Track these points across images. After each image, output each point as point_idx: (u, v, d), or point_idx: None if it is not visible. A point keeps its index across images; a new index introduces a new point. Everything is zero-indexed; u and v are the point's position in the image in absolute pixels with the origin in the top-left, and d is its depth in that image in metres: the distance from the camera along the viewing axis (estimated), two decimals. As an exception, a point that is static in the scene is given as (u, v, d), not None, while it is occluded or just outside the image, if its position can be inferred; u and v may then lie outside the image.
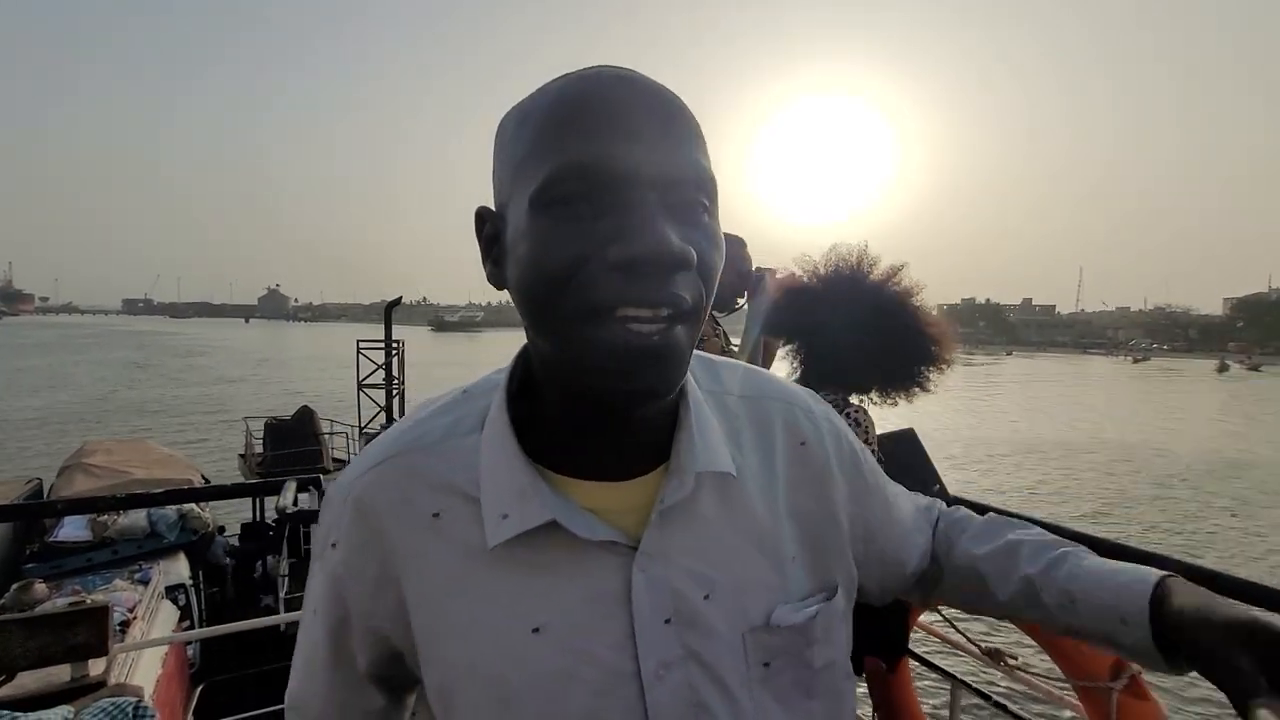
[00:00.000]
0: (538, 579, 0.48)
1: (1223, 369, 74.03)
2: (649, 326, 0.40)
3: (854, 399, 1.64)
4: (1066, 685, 1.58)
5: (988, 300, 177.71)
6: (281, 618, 2.21)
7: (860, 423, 1.57)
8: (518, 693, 0.47)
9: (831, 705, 0.55)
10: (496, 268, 0.48)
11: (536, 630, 0.47)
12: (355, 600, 0.52)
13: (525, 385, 0.52)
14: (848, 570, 0.58)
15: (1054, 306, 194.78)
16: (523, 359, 0.53)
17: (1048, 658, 1.64)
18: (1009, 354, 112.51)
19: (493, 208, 0.49)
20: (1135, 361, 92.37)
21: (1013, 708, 1.65)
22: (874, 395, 1.67)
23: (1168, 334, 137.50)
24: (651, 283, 0.40)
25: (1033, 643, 1.66)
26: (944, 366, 1.63)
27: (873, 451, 1.59)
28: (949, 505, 1.80)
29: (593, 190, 0.40)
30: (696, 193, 0.42)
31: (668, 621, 0.48)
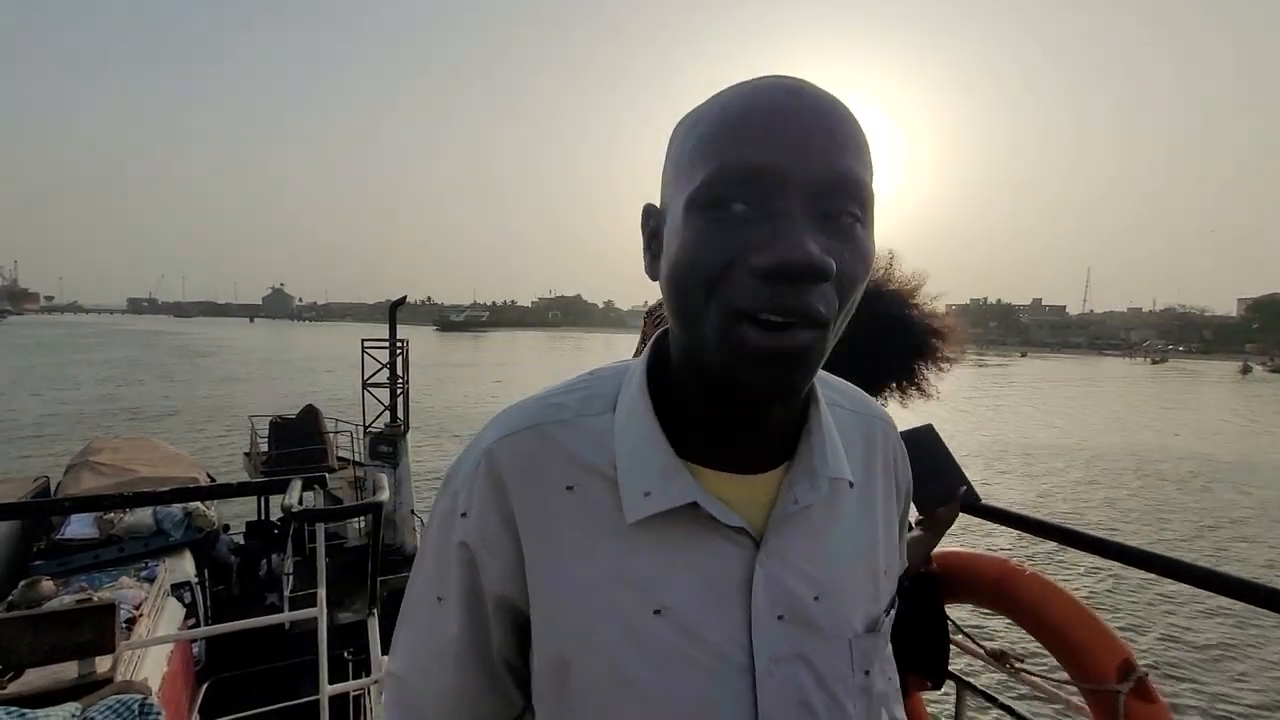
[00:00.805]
0: (664, 560, 0.49)
1: (1246, 371, 73.06)
2: (780, 332, 0.42)
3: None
4: (1073, 687, 1.57)
5: (999, 301, 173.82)
6: (286, 616, 2.22)
7: None
8: (635, 671, 0.48)
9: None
10: (654, 261, 0.51)
11: (658, 612, 0.48)
12: (488, 566, 0.51)
13: (656, 372, 0.54)
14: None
15: (1064, 307, 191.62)
16: (656, 347, 0.55)
17: (1054, 660, 1.63)
18: (1023, 355, 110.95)
19: (658, 205, 0.52)
20: (1154, 363, 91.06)
21: (1019, 709, 1.64)
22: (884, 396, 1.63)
23: (1181, 335, 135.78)
24: (790, 292, 0.42)
25: (1039, 644, 1.66)
26: (944, 364, 1.54)
27: None
28: (979, 509, 1.60)
29: (743, 196, 0.42)
30: (847, 203, 0.43)
31: (780, 618, 0.50)
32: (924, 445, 1.50)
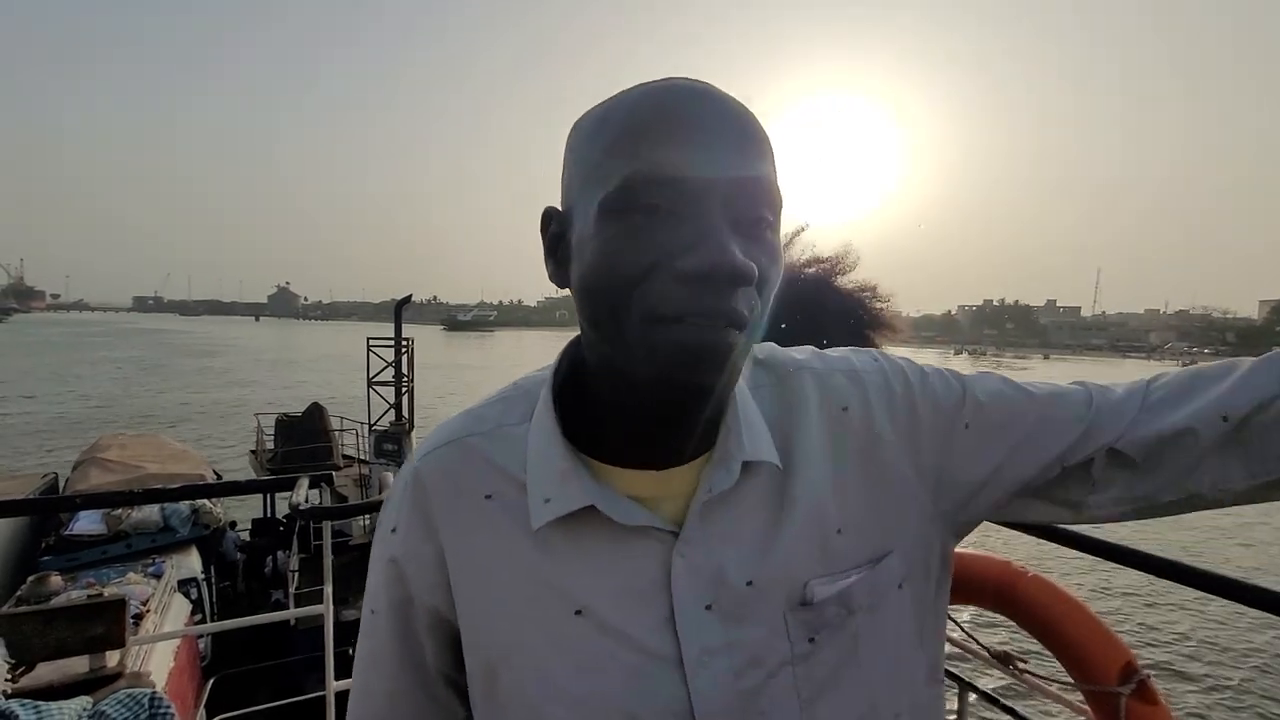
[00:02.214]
0: (580, 563, 0.49)
1: None
2: (705, 331, 0.42)
3: None
4: (1075, 689, 1.57)
5: (1016, 301, 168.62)
6: (292, 613, 2.24)
7: None
8: (560, 673, 0.48)
9: (887, 674, 0.52)
10: (559, 267, 0.49)
11: (579, 612, 0.48)
12: (416, 580, 0.53)
13: (571, 377, 0.54)
14: (911, 532, 0.54)
15: (1079, 308, 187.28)
16: (569, 353, 0.55)
17: (1056, 661, 1.64)
18: (1046, 357, 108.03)
19: (559, 208, 0.50)
20: (1184, 367, 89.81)
21: (1021, 710, 1.65)
22: None
23: (1203, 337, 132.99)
24: (714, 295, 0.41)
25: (1041, 646, 1.66)
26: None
27: None
28: None
29: (663, 200, 0.41)
30: (762, 208, 0.43)
31: (708, 608, 0.48)
32: None
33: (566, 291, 0.50)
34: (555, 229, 0.49)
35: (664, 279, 0.41)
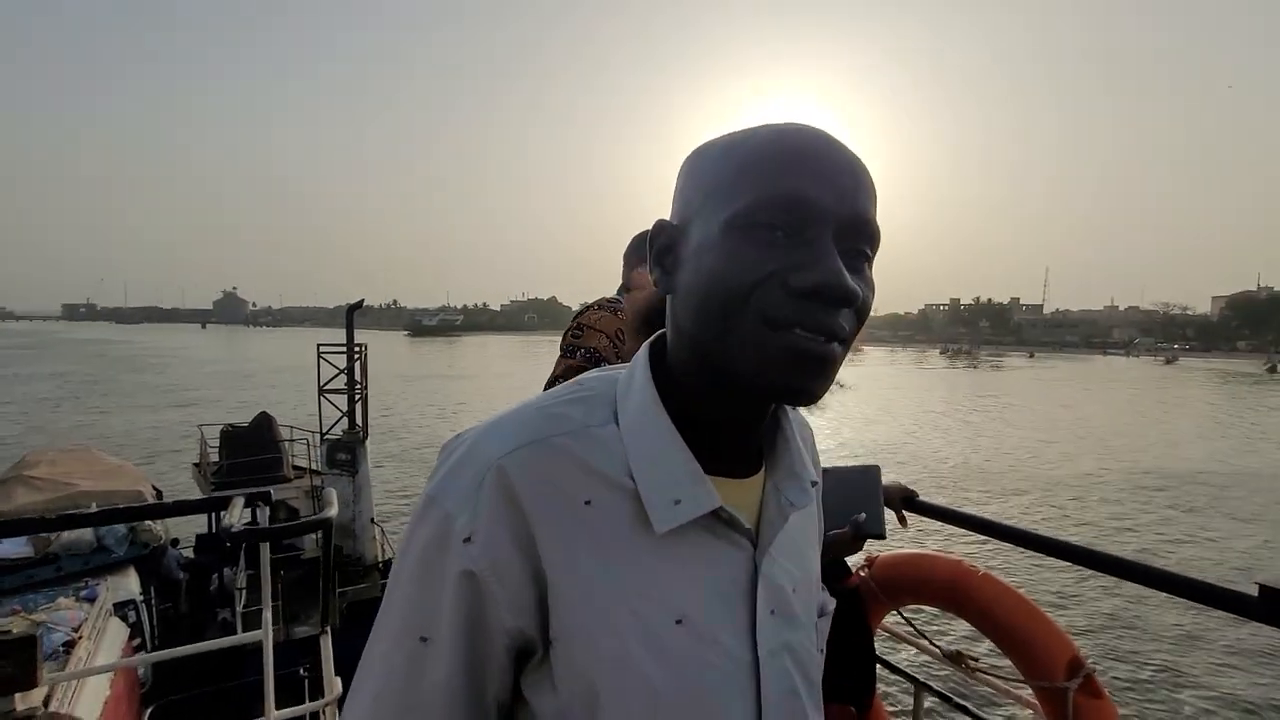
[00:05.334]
0: (684, 569, 0.51)
1: (1273, 370, 73.55)
2: (814, 343, 0.47)
3: None
4: (1025, 685, 1.60)
5: (990, 300, 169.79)
6: (230, 640, 2.12)
7: None
8: (661, 685, 0.49)
9: None
10: (665, 274, 0.54)
11: (679, 622, 0.50)
12: (500, 598, 0.48)
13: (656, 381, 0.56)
14: None
15: (1040, 306, 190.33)
16: (652, 359, 0.57)
17: (1007, 659, 1.66)
18: (1031, 355, 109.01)
19: (673, 221, 0.54)
20: (1166, 363, 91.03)
21: (974, 708, 1.67)
22: None
23: (1164, 333, 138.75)
24: (822, 311, 0.47)
25: (992, 644, 1.69)
26: None
27: None
28: (873, 534, 1.44)
29: (786, 221, 0.47)
30: (865, 243, 0.49)
31: (772, 613, 0.54)
32: (865, 485, 1.45)
33: (533, 295, 0.49)
34: (664, 240, 0.54)
35: (779, 290, 0.46)
